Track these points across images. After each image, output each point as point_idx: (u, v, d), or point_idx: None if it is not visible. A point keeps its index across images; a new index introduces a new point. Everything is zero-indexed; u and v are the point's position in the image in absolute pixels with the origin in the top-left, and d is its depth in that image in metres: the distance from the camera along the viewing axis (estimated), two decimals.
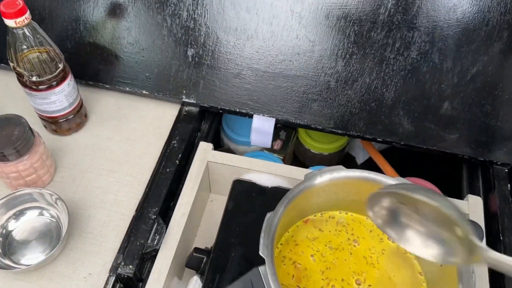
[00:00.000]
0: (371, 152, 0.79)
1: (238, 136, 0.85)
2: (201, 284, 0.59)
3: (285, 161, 0.88)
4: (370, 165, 0.89)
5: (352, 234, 0.53)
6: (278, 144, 0.88)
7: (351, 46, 0.64)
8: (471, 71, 0.63)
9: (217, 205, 0.75)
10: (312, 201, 0.52)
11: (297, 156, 0.95)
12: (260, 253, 0.43)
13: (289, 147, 0.88)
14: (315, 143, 0.88)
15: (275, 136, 0.89)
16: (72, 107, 0.67)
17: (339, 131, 0.69)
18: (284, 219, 0.49)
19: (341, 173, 0.50)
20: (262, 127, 0.72)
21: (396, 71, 0.64)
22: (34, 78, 0.61)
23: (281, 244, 0.53)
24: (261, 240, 0.44)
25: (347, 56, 0.65)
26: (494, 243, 0.62)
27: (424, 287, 0.50)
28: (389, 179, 0.49)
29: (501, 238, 0.61)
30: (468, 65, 0.63)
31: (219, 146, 0.91)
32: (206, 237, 0.72)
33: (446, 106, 0.64)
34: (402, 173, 0.78)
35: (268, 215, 0.47)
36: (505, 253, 0.60)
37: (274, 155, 0.87)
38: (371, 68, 0.64)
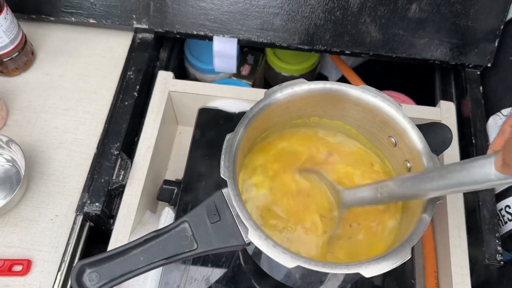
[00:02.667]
0: (341, 67, 0.76)
1: (203, 64, 0.81)
2: (173, 215, 0.58)
3: (255, 87, 0.84)
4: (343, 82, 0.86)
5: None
6: (246, 70, 0.84)
7: None
8: None
9: (186, 137, 0.72)
10: (276, 119, 0.49)
11: (268, 81, 0.91)
12: (222, 175, 0.42)
13: (258, 71, 0.85)
14: (284, 65, 0.84)
15: (243, 61, 0.85)
16: (15, 44, 0.62)
17: (305, 47, 0.65)
18: (247, 140, 0.46)
19: (303, 86, 0.47)
20: (224, 50, 0.68)
21: None
22: None
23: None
24: (222, 162, 0.42)
25: None
26: (466, 147, 0.61)
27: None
28: (353, 88, 0.46)
29: (473, 141, 0.61)
30: None
31: (185, 77, 0.86)
32: (178, 170, 0.70)
33: (414, 9, 0.60)
34: (377, 87, 0.76)
35: (228, 136, 0.44)
36: (476, 154, 0.59)
37: (243, 81, 0.83)
38: None
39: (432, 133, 0.45)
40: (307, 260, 0.37)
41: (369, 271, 0.37)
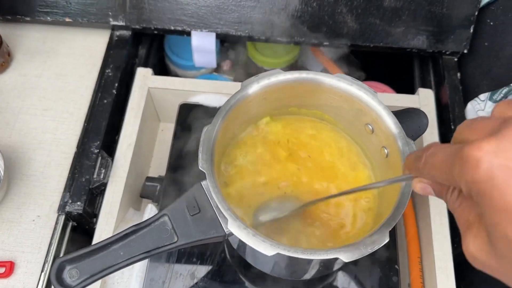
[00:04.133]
0: (321, 59, 0.76)
1: (184, 61, 0.81)
2: (156, 211, 0.58)
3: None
4: None
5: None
6: (227, 65, 0.84)
7: None
8: None
9: (169, 134, 0.71)
10: (254, 110, 0.49)
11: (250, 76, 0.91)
12: (200, 167, 0.42)
13: (239, 66, 0.84)
14: (266, 59, 0.84)
15: (224, 56, 0.84)
16: None
17: (284, 39, 0.65)
18: (225, 132, 0.47)
19: (279, 76, 0.47)
20: (203, 45, 0.68)
21: None
22: None
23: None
24: (200, 155, 0.42)
25: None
26: (445, 133, 0.62)
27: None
28: (328, 77, 0.46)
29: (452, 127, 0.61)
30: None
31: (166, 75, 0.86)
32: (161, 167, 0.70)
33: None
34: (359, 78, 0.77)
35: (205, 128, 0.44)
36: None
37: (225, 76, 0.83)
38: None
39: (408, 118, 0.46)
40: (286, 247, 0.37)
41: (348, 256, 0.37)
